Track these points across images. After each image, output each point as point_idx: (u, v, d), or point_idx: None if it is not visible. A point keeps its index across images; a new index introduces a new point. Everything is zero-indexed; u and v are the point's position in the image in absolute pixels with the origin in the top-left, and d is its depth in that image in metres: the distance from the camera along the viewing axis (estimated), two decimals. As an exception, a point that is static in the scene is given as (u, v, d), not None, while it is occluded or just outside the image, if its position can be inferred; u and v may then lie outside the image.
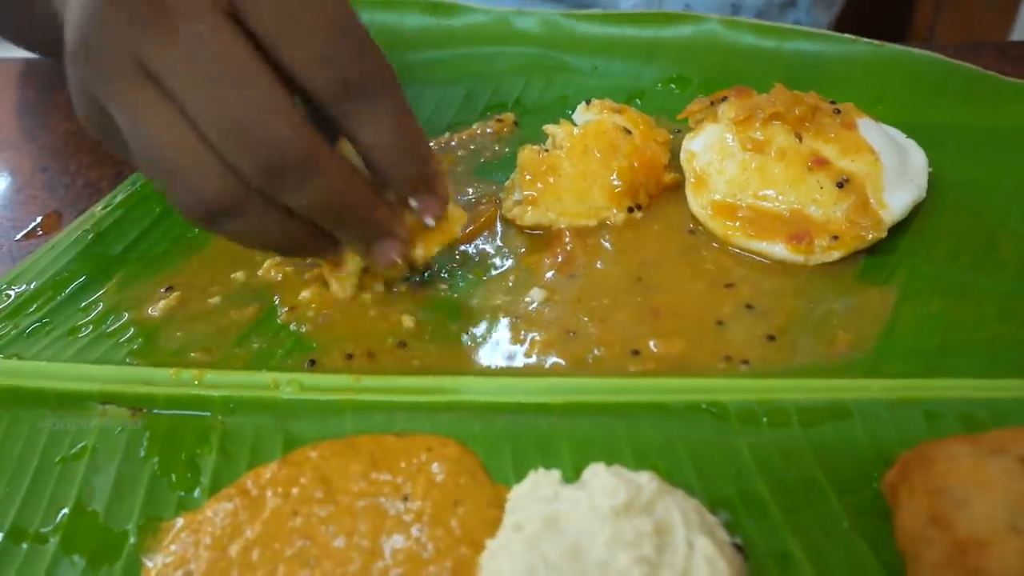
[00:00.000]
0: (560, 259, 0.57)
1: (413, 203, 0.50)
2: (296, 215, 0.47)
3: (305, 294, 0.55)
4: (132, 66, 0.42)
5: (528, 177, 0.60)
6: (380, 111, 0.47)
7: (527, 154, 0.61)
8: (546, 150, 0.61)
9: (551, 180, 0.60)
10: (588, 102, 0.64)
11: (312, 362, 0.50)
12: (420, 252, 0.52)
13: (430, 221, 0.51)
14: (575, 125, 0.62)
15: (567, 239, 0.58)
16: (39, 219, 0.66)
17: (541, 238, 0.59)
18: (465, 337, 0.52)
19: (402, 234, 0.51)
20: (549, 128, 0.62)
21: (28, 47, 0.84)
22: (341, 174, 0.46)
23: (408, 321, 0.53)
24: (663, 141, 0.63)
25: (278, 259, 0.57)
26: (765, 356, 0.50)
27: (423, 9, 0.79)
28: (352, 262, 0.53)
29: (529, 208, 0.60)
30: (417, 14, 0.79)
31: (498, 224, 0.61)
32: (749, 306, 0.53)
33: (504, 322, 0.53)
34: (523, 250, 0.59)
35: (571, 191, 0.60)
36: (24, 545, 0.42)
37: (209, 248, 0.60)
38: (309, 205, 0.46)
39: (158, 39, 0.42)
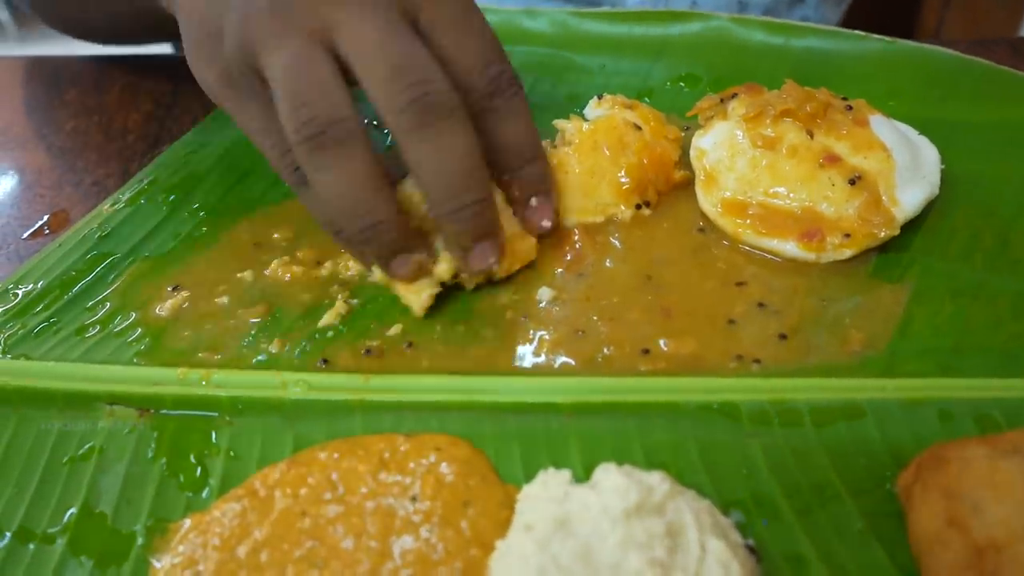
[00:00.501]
0: (569, 257, 0.57)
1: (533, 202, 0.55)
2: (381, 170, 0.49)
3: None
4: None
5: None
6: (516, 108, 0.52)
7: None
8: (555, 145, 0.61)
9: (559, 175, 0.59)
10: (600, 97, 0.64)
11: (325, 361, 0.50)
12: (498, 269, 0.53)
13: (546, 224, 0.55)
14: (585, 120, 0.62)
15: (576, 237, 0.58)
16: (46, 218, 0.66)
17: (550, 237, 0.59)
18: (473, 337, 0.52)
19: (502, 237, 0.53)
20: (559, 123, 0.62)
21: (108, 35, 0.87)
22: (472, 137, 0.49)
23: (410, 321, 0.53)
24: (674, 138, 0.62)
25: (286, 259, 0.57)
26: (777, 355, 0.49)
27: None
28: (437, 272, 0.53)
29: None
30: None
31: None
32: (761, 304, 0.52)
33: (513, 321, 0.52)
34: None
35: (579, 187, 0.59)
36: (32, 546, 0.42)
37: (217, 247, 0.59)
38: (437, 159, 0.48)
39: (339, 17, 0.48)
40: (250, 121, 0.52)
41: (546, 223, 0.55)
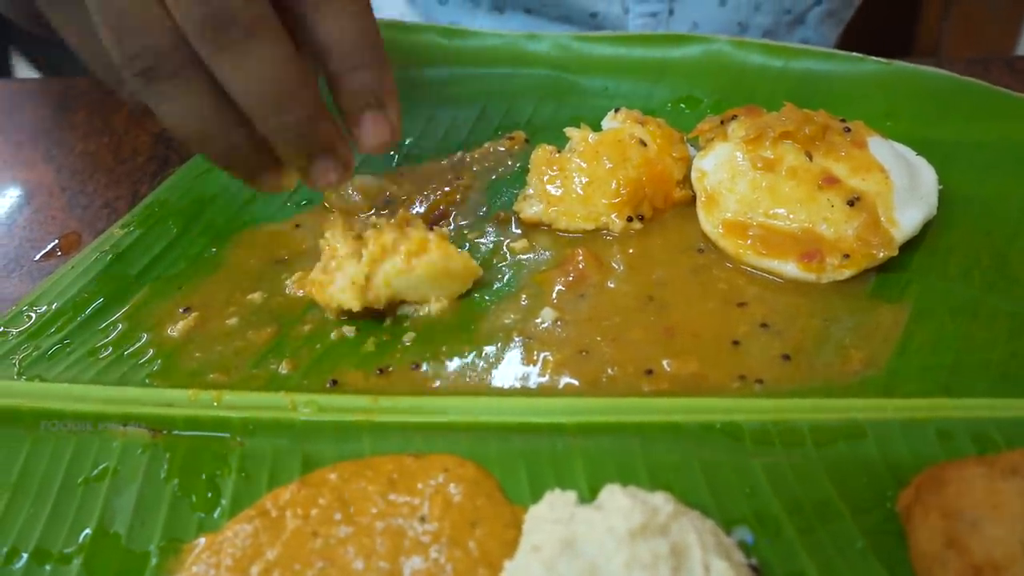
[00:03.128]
0: (572, 277, 0.58)
1: (366, 116, 0.47)
2: (230, 100, 0.45)
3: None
4: None
5: (537, 174, 0.63)
6: (345, 3, 0.45)
7: (540, 153, 0.63)
8: (559, 152, 0.63)
9: (558, 180, 0.61)
10: (617, 110, 0.65)
11: (334, 382, 0.51)
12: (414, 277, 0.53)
13: (378, 140, 0.48)
14: (592, 131, 0.63)
15: (579, 258, 0.59)
16: (57, 239, 0.67)
17: (553, 257, 0.59)
18: (479, 358, 0.53)
19: (345, 155, 0.48)
20: (568, 131, 0.64)
21: None
22: (285, 48, 0.44)
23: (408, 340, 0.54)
24: (680, 157, 0.63)
25: (298, 275, 0.58)
26: (780, 375, 0.50)
27: (439, 34, 0.80)
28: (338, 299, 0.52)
29: (533, 203, 0.62)
30: (433, 36, 0.80)
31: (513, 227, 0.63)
32: (764, 325, 0.53)
33: (517, 342, 0.53)
34: (532, 268, 0.59)
35: (575, 193, 0.61)
36: (48, 567, 0.43)
37: (225, 268, 0.60)
38: (246, 78, 0.43)
39: None
40: (71, 35, 0.47)
41: (377, 140, 0.48)
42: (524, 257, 0.60)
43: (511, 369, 0.52)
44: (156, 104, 0.45)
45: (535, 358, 0.52)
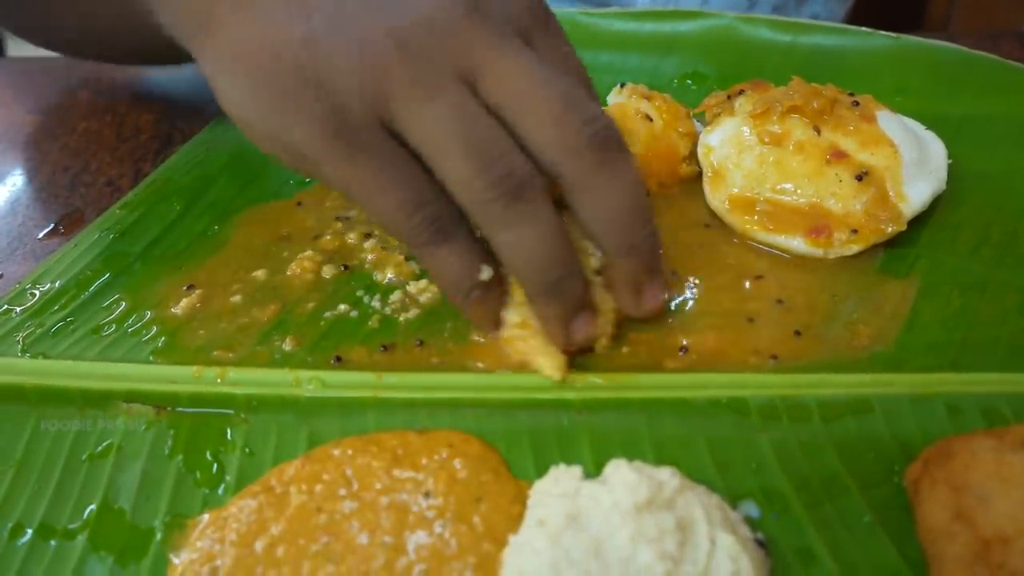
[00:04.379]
0: None
1: (641, 286, 0.48)
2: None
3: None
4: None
5: None
6: (618, 181, 0.45)
7: None
8: None
9: None
10: (622, 85, 0.65)
11: (338, 359, 0.51)
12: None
13: (653, 307, 0.49)
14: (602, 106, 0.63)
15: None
16: (60, 218, 0.67)
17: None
18: (484, 334, 0.52)
19: (595, 307, 0.49)
20: None
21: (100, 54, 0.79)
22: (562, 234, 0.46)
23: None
24: (686, 132, 0.63)
25: (308, 253, 0.58)
26: (792, 351, 0.49)
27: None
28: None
29: None
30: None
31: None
32: (779, 301, 0.53)
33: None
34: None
35: None
36: (53, 542, 0.43)
37: (229, 246, 0.60)
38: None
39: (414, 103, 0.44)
40: (369, 179, 0.45)
41: (649, 310, 0.49)
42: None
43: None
44: (508, 227, 0.44)
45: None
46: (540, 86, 0.43)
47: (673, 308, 0.53)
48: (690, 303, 0.53)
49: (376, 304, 0.55)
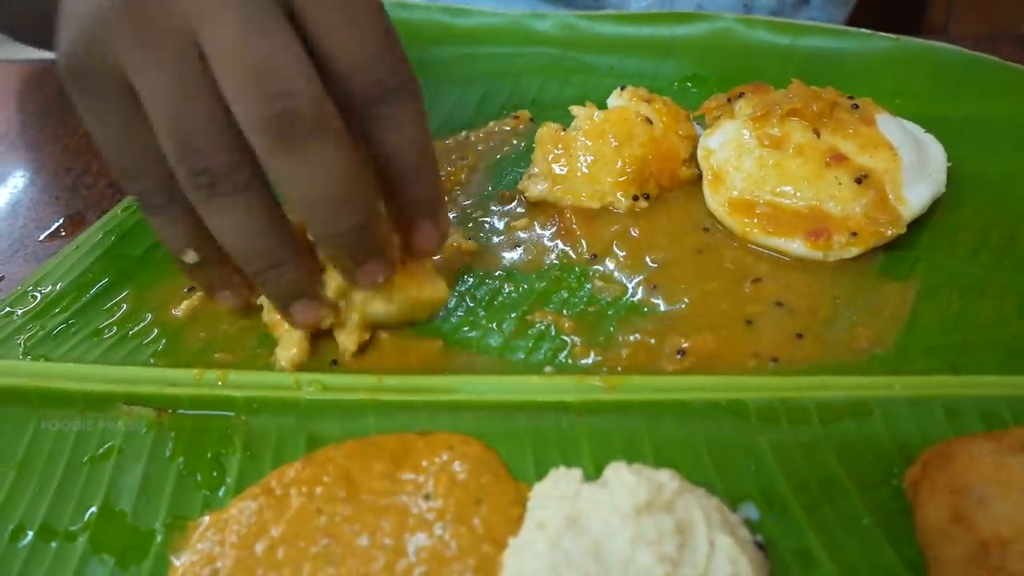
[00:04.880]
0: (554, 229, 0.59)
1: (420, 226, 0.49)
2: (279, 211, 0.45)
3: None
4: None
5: (542, 153, 0.62)
6: (406, 118, 0.46)
7: (545, 131, 0.63)
8: (564, 131, 0.62)
9: (563, 159, 0.61)
10: (623, 88, 0.65)
11: (334, 361, 0.51)
12: (392, 309, 0.51)
13: (428, 249, 0.50)
14: (597, 109, 0.63)
15: (568, 214, 0.60)
16: (62, 220, 0.67)
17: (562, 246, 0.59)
18: (484, 336, 0.52)
19: (392, 256, 0.48)
20: (573, 109, 0.63)
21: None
22: (349, 151, 0.43)
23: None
24: (686, 135, 0.63)
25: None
26: (793, 354, 0.50)
27: (443, 12, 0.80)
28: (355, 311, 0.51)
29: (538, 182, 0.62)
30: (437, 15, 0.79)
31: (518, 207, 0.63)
32: (779, 304, 0.53)
33: (523, 321, 0.53)
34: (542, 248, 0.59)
35: (580, 172, 0.61)
36: (54, 544, 0.43)
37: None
38: (309, 179, 0.43)
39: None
40: (97, 131, 0.45)
41: (427, 246, 0.50)
42: (525, 235, 0.60)
43: (516, 348, 0.52)
44: (210, 216, 0.44)
45: (542, 336, 0.52)
46: (241, 50, 0.41)
47: (671, 311, 0.53)
48: (689, 306, 0.53)
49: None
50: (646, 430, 0.46)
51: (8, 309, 0.56)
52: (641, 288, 0.55)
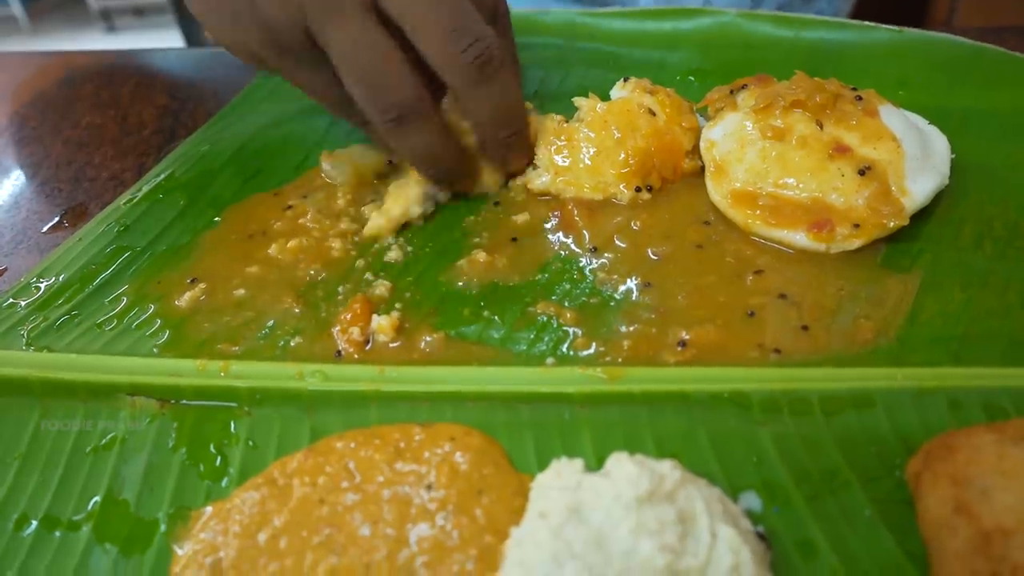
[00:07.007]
0: (555, 221, 0.60)
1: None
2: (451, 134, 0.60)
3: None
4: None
5: (545, 144, 0.62)
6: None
7: (548, 123, 0.63)
8: (567, 122, 0.62)
9: (566, 150, 0.61)
10: (626, 79, 0.65)
11: (339, 353, 0.51)
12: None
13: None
14: (601, 101, 0.63)
15: (571, 207, 0.60)
16: (64, 212, 0.67)
17: (564, 237, 0.59)
18: (486, 329, 0.52)
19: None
20: (577, 100, 0.63)
21: None
22: (516, 79, 0.59)
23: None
24: (689, 127, 0.63)
25: (289, 243, 0.59)
26: (796, 345, 0.50)
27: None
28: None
29: (541, 173, 0.62)
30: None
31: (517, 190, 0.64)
32: (782, 295, 0.53)
33: (525, 313, 0.53)
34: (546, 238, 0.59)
35: (583, 163, 0.60)
36: (57, 533, 0.43)
37: (231, 240, 0.60)
38: (493, 102, 0.57)
39: None
40: (309, 82, 0.58)
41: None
42: (527, 226, 0.60)
43: (519, 339, 0.51)
44: (400, 141, 0.57)
45: (544, 328, 0.52)
46: (432, 7, 0.53)
47: (673, 302, 0.53)
48: (691, 297, 0.53)
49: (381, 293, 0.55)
50: (648, 421, 0.46)
51: (11, 300, 0.56)
52: (643, 280, 0.54)
